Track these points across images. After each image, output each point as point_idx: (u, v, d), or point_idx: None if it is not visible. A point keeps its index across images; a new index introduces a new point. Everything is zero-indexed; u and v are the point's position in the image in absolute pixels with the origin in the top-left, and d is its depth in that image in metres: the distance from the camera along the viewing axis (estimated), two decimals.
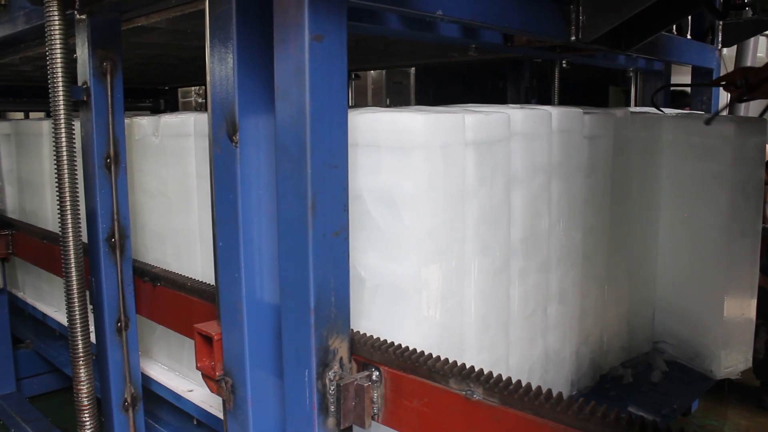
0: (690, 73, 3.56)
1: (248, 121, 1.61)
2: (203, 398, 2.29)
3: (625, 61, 3.46)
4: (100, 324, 2.22)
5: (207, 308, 1.97)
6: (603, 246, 2.47)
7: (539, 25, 2.10)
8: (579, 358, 2.42)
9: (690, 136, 2.69)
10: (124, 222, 2.20)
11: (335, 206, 1.51)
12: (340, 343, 1.57)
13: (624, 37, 2.46)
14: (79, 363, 2.06)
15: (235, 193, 1.64)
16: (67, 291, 2.03)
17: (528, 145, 1.99)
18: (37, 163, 3.31)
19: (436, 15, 1.72)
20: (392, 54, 3.54)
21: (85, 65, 2.10)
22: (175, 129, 2.31)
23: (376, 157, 1.67)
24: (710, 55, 3.42)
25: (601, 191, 2.43)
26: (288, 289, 1.55)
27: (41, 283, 3.47)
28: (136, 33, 2.50)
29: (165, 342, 2.52)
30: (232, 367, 1.73)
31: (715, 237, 2.64)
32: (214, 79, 1.65)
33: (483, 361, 1.88)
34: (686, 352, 2.79)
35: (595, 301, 2.48)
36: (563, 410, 1.27)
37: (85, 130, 2.14)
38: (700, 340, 2.74)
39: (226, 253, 1.70)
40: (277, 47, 1.48)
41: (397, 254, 1.68)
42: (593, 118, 2.33)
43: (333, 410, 1.55)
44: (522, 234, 2.02)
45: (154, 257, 2.47)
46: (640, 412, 2.35)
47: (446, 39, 2.34)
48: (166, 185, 2.38)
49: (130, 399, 2.27)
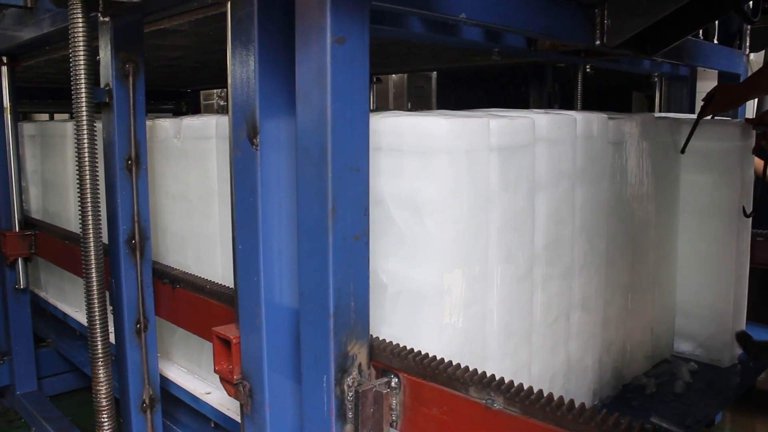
0: (717, 78, 3.50)
1: (269, 124, 1.61)
2: (221, 401, 2.28)
3: (650, 66, 3.41)
4: (119, 325, 2.22)
5: (226, 311, 1.97)
6: (626, 253, 2.43)
7: (563, 28, 2.07)
8: (601, 366, 2.38)
9: (704, 141, 2.69)
10: (144, 224, 2.21)
11: (356, 210, 1.50)
12: (359, 348, 1.55)
13: (649, 42, 2.41)
14: (99, 363, 2.06)
15: (255, 196, 1.63)
16: (87, 292, 2.03)
17: (552, 151, 1.96)
18: (61, 165, 3.34)
19: (459, 18, 1.70)
20: (414, 58, 3.52)
21: (107, 67, 2.10)
22: (196, 131, 2.31)
23: (399, 161, 1.65)
24: (738, 61, 3.36)
25: (625, 197, 2.39)
26: (307, 294, 1.54)
27: (63, 283, 3.49)
28: (158, 35, 2.51)
29: (184, 344, 2.52)
30: (250, 371, 1.72)
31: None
32: (235, 82, 1.64)
33: (505, 369, 1.85)
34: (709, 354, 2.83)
35: (618, 309, 2.44)
36: (586, 421, 1.24)
37: (107, 131, 2.15)
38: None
39: (246, 257, 1.69)
40: (298, 49, 1.47)
41: (420, 260, 1.66)
42: (618, 123, 2.29)
43: (351, 417, 1.53)
44: (546, 240, 1.99)
45: (175, 260, 2.48)
46: (663, 423, 2.30)
47: (469, 43, 2.32)
48: (188, 188, 2.38)
49: (149, 400, 2.27)
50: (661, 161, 2.58)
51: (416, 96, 7.13)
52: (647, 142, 2.47)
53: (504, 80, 5.27)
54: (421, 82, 7.07)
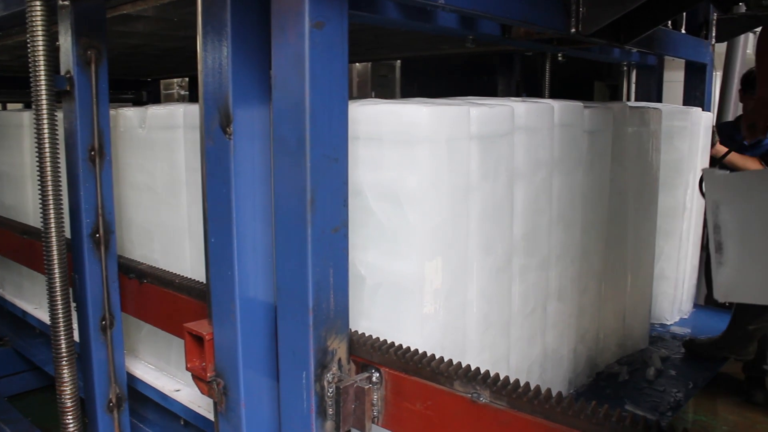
0: (683, 68, 3.53)
1: (242, 113, 1.54)
2: (191, 398, 2.22)
3: (620, 55, 3.42)
4: (83, 322, 2.14)
5: (196, 306, 1.91)
6: (601, 242, 2.44)
7: (540, 16, 2.04)
8: (576, 356, 2.39)
9: (666, 122, 2.82)
10: (109, 217, 2.12)
11: (335, 201, 1.46)
12: (338, 343, 1.51)
13: (623, 30, 2.41)
14: (63, 363, 1.98)
15: (229, 187, 1.57)
16: (50, 288, 1.95)
17: (531, 140, 1.94)
18: (18, 156, 3.21)
19: (438, 4, 1.66)
20: (382, 46, 3.46)
21: (68, 54, 2.01)
22: (163, 120, 2.23)
23: (378, 150, 1.61)
24: (704, 50, 3.40)
25: (600, 186, 2.39)
26: (285, 288, 1.49)
27: (21, 280, 3.37)
28: (120, 21, 2.41)
29: (151, 340, 2.45)
30: (224, 367, 1.67)
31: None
32: (206, 69, 1.57)
33: (484, 361, 1.83)
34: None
35: (592, 298, 2.45)
36: (575, 414, 1.22)
37: (69, 121, 2.06)
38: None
39: (219, 250, 1.63)
40: (274, 35, 1.42)
41: (400, 252, 1.62)
42: (593, 112, 2.29)
43: (331, 413, 1.49)
44: (524, 230, 1.97)
45: (141, 253, 2.39)
46: (638, 410, 2.32)
47: (444, 30, 2.27)
48: (154, 179, 2.30)
49: (115, 399, 2.20)
50: (635, 150, 2.59)
51: (380, 85, 7.07)
52: (622, 130, 2.47)
53: (469, 70, 5.25)
54: (385, 71, 7.01)
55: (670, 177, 3.02)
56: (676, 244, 3.11)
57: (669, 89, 4.03)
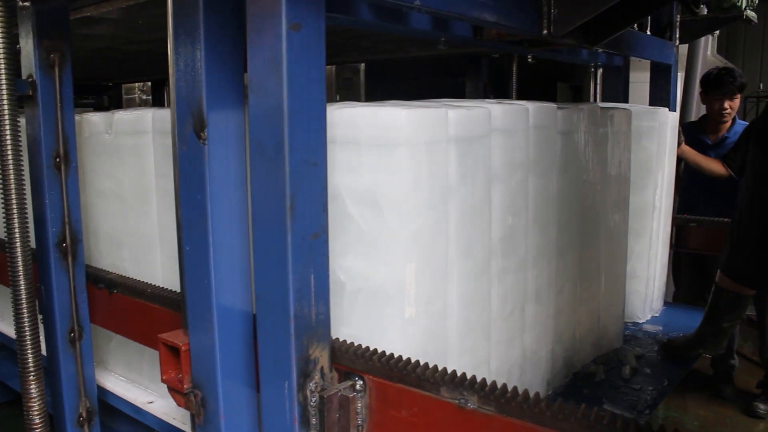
0: (648, 69, 3.58)
1: (217, 117, 1.51)
2: (165, 410, 2.16)
3: (588, 56, 3.46)
4: (51, 335, 2.06)
5: (169, 316, 1.85)
6: (575, 243, 2.45)
7: (512, 18, 2.04)
8: (554, 356, 2.39)
9: (634, 122, 2.91)
10: (75, 225, 2.06)
11: (315, 207, 1.43)
12: (321, 351, 1.48)
13: (593, 32, 2.43)
14: (30, 378, 1.91)
15: (204, 194, 1.52)
16: (15, 301, 1.88)
17: (507, 142, 1.93)
18: None
19: (414, 5, 1.64)
20: (351, 49, 3.44)
21: (30, 57, 1.94)
22: (130, 126, 2.17)
23: (356, 154, 1.58)
24: (669, 52, 3.45)
25: (573, 187, 2.40)
26: (264, 296, 1.46)
27: None
28: (82, 24, 2.34)
29: (122, 352, 2.38)
30: (201, 379, 1.62)
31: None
32: (178, 73, 1.53)
33: (465, 365, 1.81)
34: None
35: (568, 299, 2.45)
36: (565, 417, 1.21)
37: (32, 127, 1.99)
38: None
39: (194, 258, 1.58)
40: (250, 37, 1.39)
41: (380, 257, 1.60)
42: (566, 113, 2.30)
43: (315, 423, 1.46)
44: (501, 233, 1.96)
45: (110, 262, 2.32)
46: (616, 409, 2.33)
47: (417, 32, 2.26)
48: (122, 186, 2.23)
49: (86, 414, 2.13)
50: (606, 150, 2.61)
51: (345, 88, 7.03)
52: (594, 131, 2.49)
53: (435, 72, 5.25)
54: (349, 74, 6.98)
55: (640, 177, 3.05)
56: (647, 243, 3.14)
57: (633, 90, 4.09)
